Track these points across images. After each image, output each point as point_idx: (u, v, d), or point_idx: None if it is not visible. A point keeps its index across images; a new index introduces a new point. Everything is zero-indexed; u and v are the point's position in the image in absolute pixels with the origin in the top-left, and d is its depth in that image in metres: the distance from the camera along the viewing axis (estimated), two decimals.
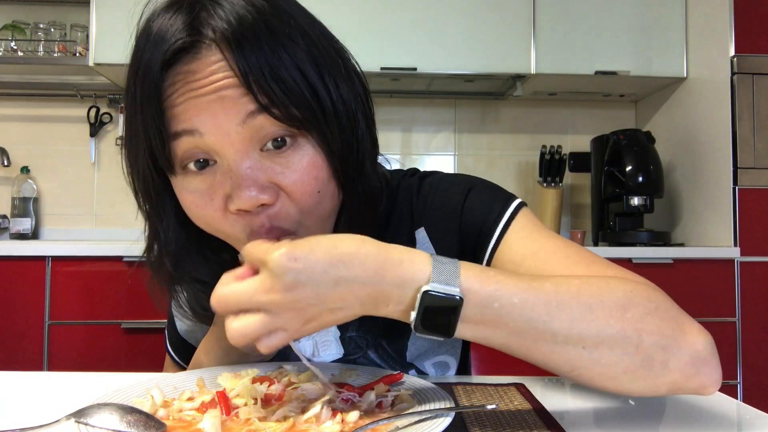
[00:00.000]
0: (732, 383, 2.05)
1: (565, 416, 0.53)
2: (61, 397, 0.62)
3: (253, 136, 0.55)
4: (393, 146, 2.73)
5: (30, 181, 2.54)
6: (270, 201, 0.56)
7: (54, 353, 1.96)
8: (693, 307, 2.19)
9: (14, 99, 2.59)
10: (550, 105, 2.77)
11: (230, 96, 0.54)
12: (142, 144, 0.58)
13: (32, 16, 2.49)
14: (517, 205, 0.68)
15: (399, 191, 0.75)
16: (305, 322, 0.48)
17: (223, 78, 0.54)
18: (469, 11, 2.33)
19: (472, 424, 0.50)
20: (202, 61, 0.55)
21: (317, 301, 0.47)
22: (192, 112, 0.55)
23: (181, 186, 0.59)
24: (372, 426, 0.46)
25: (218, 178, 0.57)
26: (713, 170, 2.21)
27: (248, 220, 0.57)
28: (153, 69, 0.55)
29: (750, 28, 2.13)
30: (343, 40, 0.67)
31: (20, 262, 1.96)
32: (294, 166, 0.57)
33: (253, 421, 0.48)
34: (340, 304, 0.48)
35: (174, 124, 0.56)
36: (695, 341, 0.51)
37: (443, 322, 0.48)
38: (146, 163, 0.59)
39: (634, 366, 0.49)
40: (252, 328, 0.48)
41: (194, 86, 0.55)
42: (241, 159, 0.55)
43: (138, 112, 0.57)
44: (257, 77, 0.54)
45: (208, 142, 0.55)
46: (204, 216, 0.59)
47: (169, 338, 0.88)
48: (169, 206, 0.63)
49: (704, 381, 0.51)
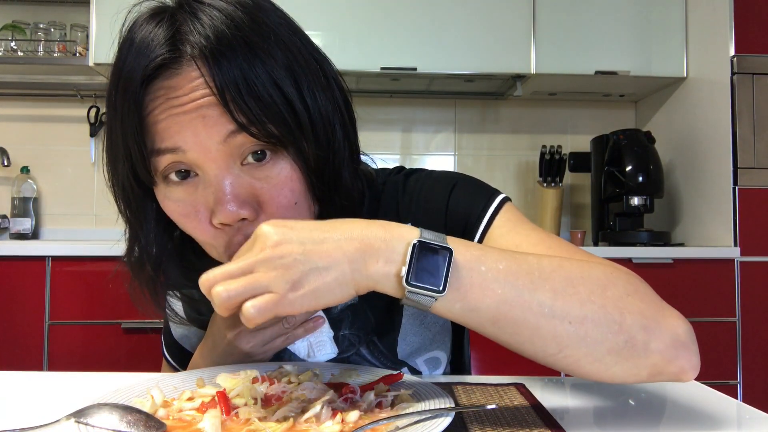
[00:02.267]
0: (732, 383, 2.05)
1: (565, 416, 0.53)
2: (61, 397, 0.62)
3: (233, 152, 0.57)
4: (393, 146, 2.73)
5: (30, 181, 2.54)
6: (250, 216, 0.57)
7: (54, 353, 1.96)
8: (693, 307, 2.18)
9: (14, 99, 2.59)
10: (550, 105, 2.77)
11: (210, 114, 0.55)
12: (121, 156, 0.59)
13: (32, 16, 2.49)
14: (500, 200, 0.70)
15: (385, 189, 0.76)
16: (293, 284, 0.46)
17: (202, 96, 0.55)
18: (469, 11, 2.33)
19: (472, 424, 0.50)
20: (183, 77, 0.56)
21: (303, 258, 0.46)
22: (174, 129, 0.56)
23: (164, 195, 0.60)
24: (372, 426, 0.46)
25: (200, 191, 0.58)
26: (713, 170, 2.21)
27: (229, 235, 0.59)
28: (134, 82, 0.56)
29: (750, 28, 2.13)
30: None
31: (20, 262, 1.96)
32: (272, 180, 0.58)
33: (253, 420, 0.48)
34: (328, 262, 0.47)
35: (156, 141, 0.57)
36: (675, 325, 0.52)
37: (435, 272, 0.47)
38: (126, 174, 0.60)
39: (618, 346, 0.50)
40: (235, 286, 0.46)
41: (175, 103, 0.56)
42: (223, 175, 0.57)
43: (118, 124, 0.58)
44: (234, 95, 0.55)
45: (191, 158, 0.57)
46: (188, 227, 0.61)
47: (165, 343, 0.88)
48: (150, 213, 0.64)
49: (684, 365, 0.51)
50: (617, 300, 0.51)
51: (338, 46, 2.28)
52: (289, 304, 0.46)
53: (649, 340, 0.50)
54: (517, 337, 0.50)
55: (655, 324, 0.51)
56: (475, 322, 0.50)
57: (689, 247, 2.22)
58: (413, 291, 0.47)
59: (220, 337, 0.68)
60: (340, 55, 2.28)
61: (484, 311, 0.49)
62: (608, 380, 0.51)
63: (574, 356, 0.50)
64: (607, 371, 0.51)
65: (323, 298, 0.47)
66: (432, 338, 0.76)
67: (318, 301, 0.47)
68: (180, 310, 0.82)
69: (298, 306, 0.46)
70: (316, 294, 0.47)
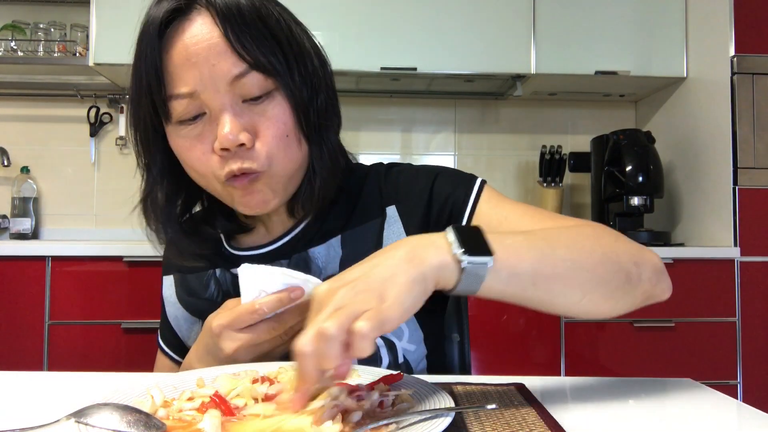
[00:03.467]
0: (732, 383, 2.05)
1: (565, 416, 0.53)
2: (61, 397, 0.62)
3: (237, 92, 0.69)
4: (393, 146, 2.73)
5: (30, 181, 2.54)
6: (248, 142, 0.69)
7: (54, 353, 1.96)
8: (693, 307, 2.18)
9: (14, 99, 2.59)
10: (550, 105, 2.77)
11: (219, 59, 0.68)
12: (144, 93, 0.71)
13: (32, 16, 2.49)
14: (481, 183, 0.80)
15: (368, 177, 0.85)
16: (379, 298, 0.48)
17: (210, 38, 0.68)
18: (469, 11, 2.33)
19: (472, 424, 0.50)
20: (194, 22, 0.69)
21: (370, 279, 0.49)
22: (189, 74, 0.68)
23: (175, 132, 0.72)
24: (372, 426, 0.46)
25: (206, 127, 0.70)
26: (713, 170, 2.21)
27: (225, 162, 0.70)
28: (153, 26, 0.69)
29: (750, 28, 2.13)
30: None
31: (20, 262, 1.96)
32: (267, 113, 0.70)
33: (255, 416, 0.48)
34: (391, 272, 0.50)
35: (173, 85, 0.69)
36: (652, 256, 0.65)
37: (480, 241, 0.53)
38: (147, 110, 0.72)
39: (622, 281, 0.61)
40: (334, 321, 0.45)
41: (188, 44, 0.68)
42: (226, 109, 0.69)
43: (142, 66, 0.70)
44: (240, 40, 0.67)
45: (204, 98, 0.69)
46: (192, 157, 0.71)
47: (160, 331, 0.91)
48: (163, 152, 0.75)
49: (664, 286, 0.65)
50: (610, 247, 0.62)
51: (338, 46, 2.28)
52: (386, 315, 0.47)
53: (640, 272, 0.62)
54: (552, 292, 0.57)
55: (641, 258, 0.63)
56: (519, 288, 0.56)
57: (689, 247, 2.22)
58: (472, 261, 0.52)
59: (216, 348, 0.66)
60: (340, 55, 2.28)
61: (524, 274, 0.55)
62: (615, 313, 0.62)
63: (594, 298, 0.59)
64: (616, 305, 0.62)
65: (407, 304, 0.49)
66: None
67: (404, 308, 0.49)
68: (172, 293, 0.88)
69: (394, 315, 0.48)
70: (402, 299, 0.49)
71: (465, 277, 0.52)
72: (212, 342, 0.66)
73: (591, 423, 0.54)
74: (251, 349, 0.65)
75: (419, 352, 0.78)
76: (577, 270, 0.58)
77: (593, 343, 2.07)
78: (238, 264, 0.82)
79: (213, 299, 0.83)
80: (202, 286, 0.85)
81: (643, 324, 2.05)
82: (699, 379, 0.69)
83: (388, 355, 0.76)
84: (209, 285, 0.84)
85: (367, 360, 0.74)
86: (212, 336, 0.66)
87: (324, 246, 0.80)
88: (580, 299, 0.59)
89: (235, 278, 0.82)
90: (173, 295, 0.88)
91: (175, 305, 0.87)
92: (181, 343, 0.87)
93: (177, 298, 0.87)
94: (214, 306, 0.82)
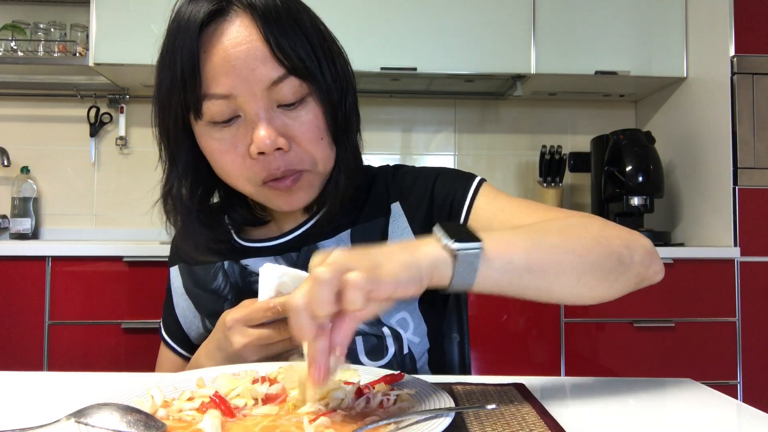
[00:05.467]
0: (732, 383, 2.05)
1: (565, 416, 0.53)
2: (61, 397, 0.62)
3: (273, 97, 0.70)
4: (393, 146, 2.73)
5: (30, 181, 2.54)
6: (285, 146, 0.70)
7: (54, 353, 1.96)
8: (693, 307, 2.18)
9: (14, 99, 2.59)
10: (550, 105, 2.77)
11: (258, 63, 0.68)
12: (177, 91, 0.70)
13: (32, 16, 2.49)
14: (479, 181, 0.82)
15: (377, 175, 0.88)
16: (373, 264, 0.47)
17: (249, 41, 0.68)
18: (469, 11, 2.33)
19: (471, 424, 0.50)
20: (232, 24, 0.69)
21: (367, 255, 0.49)
22: (226, 76, 0.68)
23: (206, 134, 0.72)
24: (372, 426, 0.46)
25: (241, 130, 0.71)
26: (713, 170, 2.21)
27: (265, 164, 0.71)
28: (192, 25, 0.68)
29: (750, 28, 2.13)
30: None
31: (20, 262, 1.96)
32: (302, 119, 0.71)
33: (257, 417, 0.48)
34: (387, 255, 0.50)
35: (209, 85, 0.69)
36: (642, 240, 0.67)
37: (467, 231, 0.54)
38: (179, 108, 0.71)
39: (614, 264, 0.62)
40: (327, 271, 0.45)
41: (227, 45, 0.68)
42: (263, 114, 0.69)
43: (177, 64, 0.69)
44: (280, 45, 0.68)
45: (240, 102, 0.69)
46: (225, 161, 0.72)
47: (163, 319, 0.91)
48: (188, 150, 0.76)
49: (656, 268, 0.67)
50: (599, 232, 0.64)
51: None
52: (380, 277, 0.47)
53: (632, 254, 0.64)
54: (547, 278, 0.58)
55: (631, 241, 0.65)
56: (515, 276, 0.56)
57: (689, 247, 2.22)
58: (462, 248, 0.52)
59: (226, 342, 0.68)
60: None
61: (518, 261, 0.56)
62: (610, 297, 0.64)
63: (589, 282, 0.60)
64: (611, 289, 0.63)
65: (402, 277, 0.49)
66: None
67: (399, 279, 0.48)
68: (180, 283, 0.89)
69: (388, 280, 0.47)
70: (396, 273, 0.48)
71: (459, 268, 0.52)
72: (223, 336, 0.68)
73: (591, 423, 0.54)
74: (260, 348, 0.66)
75: (423, 345, 0.80)
76: (569, 255, 0.59)
77: (593, 343, 2.07)
78: (248, 255, 0.83)
79: (220, 291, 0.84)
80: (209, 277, 0.86)
81: (643, 324, 2.05)
82: (699, 379, 0.69)
83: (394, 345, 0.77)
84: (217, 276, 0.85)
85: (373, 348, 0.75)
86: (224, 330, 0.67)
87: (334, 240, 0.82)
88: (576, 283, 0.60)
89: (244, 270, 0.83)
90: (181, 286, 0.89)
91: (182, 296, 0.88)
92: (185, 336, 0.88)
93: (184, 289, 0.88)
94: (219, 298, 0.83)
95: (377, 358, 0.76)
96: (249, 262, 0.83)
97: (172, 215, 0.80)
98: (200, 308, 0.86)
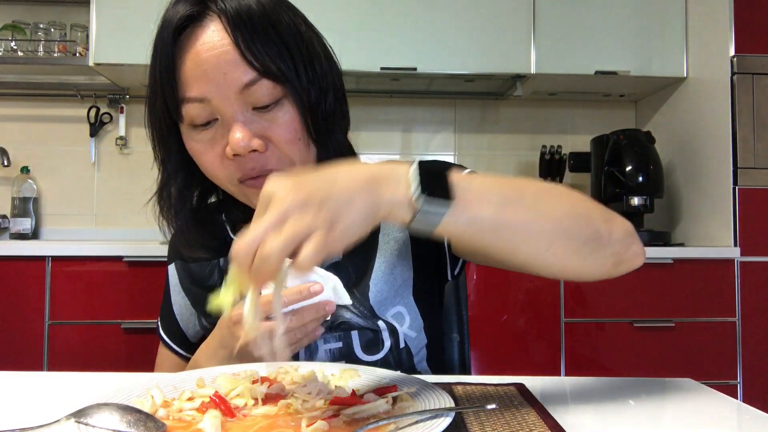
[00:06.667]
0: (732, 383, 2.05)
1: (565, 416, 0.53)
2: (61, 397, 0.62)
3: (247, 100, 0.70)
4: (393, 146, 2.73)
5: (30, 181, 2.54)
6: (260, 148, 0.71)
7: (54, 353, 1.96)
8: (693, 307, 2.18)
9: (14, 99, 2.59)
10: (550, 105, 2.77)
11: (230, 67, 0.69)
12: (159, 95, 0.72)
13: (32, 16, 2.49)
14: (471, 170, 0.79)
15: None
16: (330, 223, 0.47)
17: (222, 47, 0.69)
18: (469, 11, 2.33)
19: (472, 424, 0.50)
20: (206, 29, 0.70)
21: (327, 197, 0.48)
22: (200, 81, 0.70)
23: (188, 136, 0.74)
24: (372, 426, 0.46)
25: (219, 132, 0.72)
26: (713, 170, 2.21)
27: (241, 164, 0.72)
28: (168, 30, 0.70)
29: (750, 28, 2.13)
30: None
31: (20, 262, 1.96)
32: (278, 120, 0.72)
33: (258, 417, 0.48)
34: (348, 196, 0.49)
35: (185, 89, 0.71)
36: (623, 220, 0.64)
37: (439, 186, 0.52)
38: (162, 110, 0.73)
39: (591, 236, 0.59)
40: (280, 240, 0.45)
41: (201, 55, 0.69)
42: (237, 116, 0.70)
43: (157, 67, 0.72)
44: (251, 49, 0.68)
45: (214, 105, 0.70)
46: (206, 162, 0.74)
47: (163, 323, 0.91)
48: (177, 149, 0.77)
49: (637, 250, 0.63)
50: (579, 202, 0.61)
51: (338, 46, 2.25)
52: (332, 243, 0.47)
53: (611, 231, 0.61)
54: (514, 240, 0.56)
55: (612, 218, 0.62)
56: (478, 233, 0.54)
57: (689, 247, 2.22)
58: (428, 208, 0.50)
59: (231, 338, 0.67)
60: (340, 55, 2.27)
61: (486, 219, 0.54)
62: (583, 274, 0.61)
63: (559, 251, 0.58)
64: (584, 263, 0.60)
65: (355, 234, 0.49)
66: (396, 291, 0.80)
67: (351, 236, 0.48)
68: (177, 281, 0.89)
69: (340, 244, 0.48)
70: (350, 230, 0.48)
71: (419, 217, 0.51)
72: (228, 333, 0.68)
73: (591, 423, 0.54)
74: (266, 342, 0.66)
75: (420, 340, 0.80)
76: (542, 219, 0.57)
77: (593, 343, 2.07)
78: None
79: (216, 288, 0.84)
80: (206, 274, 0.86)
81: (643, 324, 2.05)
82: (699, 379, 0.69)
83: (390, 339, 0.77)
84: (213, 273, 0.85)
85: (369, 342, 0.75)
86: (229, 326, 0.67)
87: None
88: (545, 250, 0.57)
89: None
90: (178, 283, 0.89)
91: (180, 293, 0.88)
92: (184, 335, 0.88)
93: (181, 286, 0.88)
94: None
95: (373, 352, 0.76)
96: None
97: (165, 213, 0.81)
98: (197, 305, 0.86)
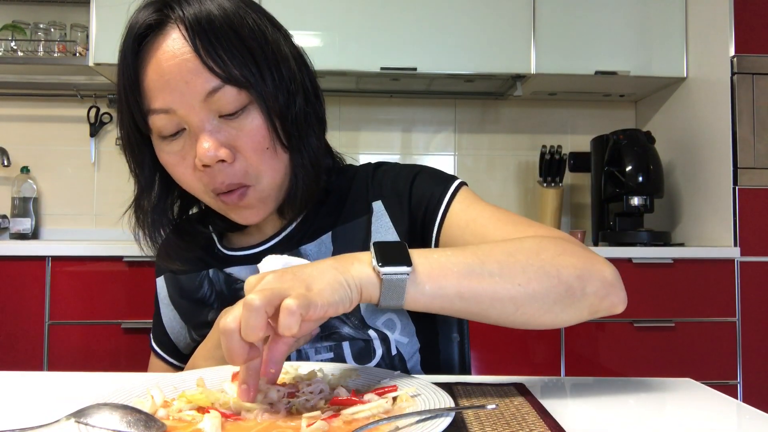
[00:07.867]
0: (732, 383, 2.05)
1: (565, 416, 0.53)
2: (61, 397, 0.62)
3: (212, 108, 0.69)
4: (393, 146, 2.73)
5: (30, 181, 2.54)
6: (228, 158, 0.69)
7: (54, 353, 1.96)
8: (693, 307, 2.18)
9: (14, 99, 2.59)
10: (550, 105, 2.77)
11: (191, 76, 0.67)
12: (125, 108, 0.71)
13: (32, 16, 2.49)
14: (458, 184, 0.80)
15: (357, 174, 0.87)
16: (306, 286, 0.50)
17: (183, 55, 0.67)
18: (469, 11, 2.33)
19: (471, 424, 0.50)
20: (167, 38, 0.68)
21: (297, 276, 0.51)
22: (163, 92, 0.68)
23: (159, 147, 0.73)
24: (372, 426, 0.46)
25: (188, 142, 0.70)
26: (713, 170, 2.21)
27: (210, 177, 0.71)
28: (128, 40, 0.70)
29: (750, 28, 2.13)
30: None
31: (20, 262, 1.96)
32: (245, 128, 0.70)
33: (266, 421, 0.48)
34: (318, 271, 0.52)
35: (149, 100, 0.69)
36: (602, 269, 0.63)
37: (399, 257, 0.55)
38: (129, 123, 0.72)
39: (561, 295, 0.60)
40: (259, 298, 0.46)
41: (162, 65, 0.68)
42: (203, 125, 0.69)
43: (121, 79, 0.71)
44: (212, 55, 0.67)
45: (180, 115, 0.69)
46: (178, 173, 0.73)
47: (154, 334, 0.90)
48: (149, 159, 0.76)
49: (614, 300, 0.63)
50: (551, 260, 0.61)
51: (338, 46, 2.28)
52: (314, 300, 0.48)
53: (584, 286, 0.61)
54: (482, 305, 0.58)
55: (587, 272, 0.62)
56: (445, 301, 0.57)
57: (689, 247, 2.22)
58: (388, 273, 0.53)
59: None
60: (340, 55, 2.28)
61: (450, 288, 0.56)
62: (559, 325, 0.62)
63: (529, 311, 0.59)
64: (557, 318, 0.61)
65: (334, 297, 0.50)
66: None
67: (331, 299, 0.50)
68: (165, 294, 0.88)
69: (321, 302, 0.49)
70: (328, 293, 0.50)
71: (386, 289, 0.54)
72: None
73: (591, 423, 0.54)
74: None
75: (412, 345, 0.79)
76: (508, 284, 0.58)
77: (593, 343, 2.07)
78: (231, 264, 0.82)
79: (206, 299, 0.84)
80: (195, 286, 0.85)
81: (643, 324, 2.05)
82: (699, 379, 0.69)
83: (382, 347, 0.76)
84: (203, 285, 0.84)
85: (360, 352, 0.75)
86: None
87: (315, 243, 0.81)
88: (514, 312, 0.59)
89: (229, 277, 0.82)
90: (167, 296, 0.88)
91: (169, 306, 0.88)
92: (175, 346, 0.88)
93: (170, 299, 0.88)
94: (205, 307, 0.83)
95: (365, 361, 0.75)
96: (233, 271, 0.83)
97: (140, 224, 0.80)
98: (186, 318, 0.85)
